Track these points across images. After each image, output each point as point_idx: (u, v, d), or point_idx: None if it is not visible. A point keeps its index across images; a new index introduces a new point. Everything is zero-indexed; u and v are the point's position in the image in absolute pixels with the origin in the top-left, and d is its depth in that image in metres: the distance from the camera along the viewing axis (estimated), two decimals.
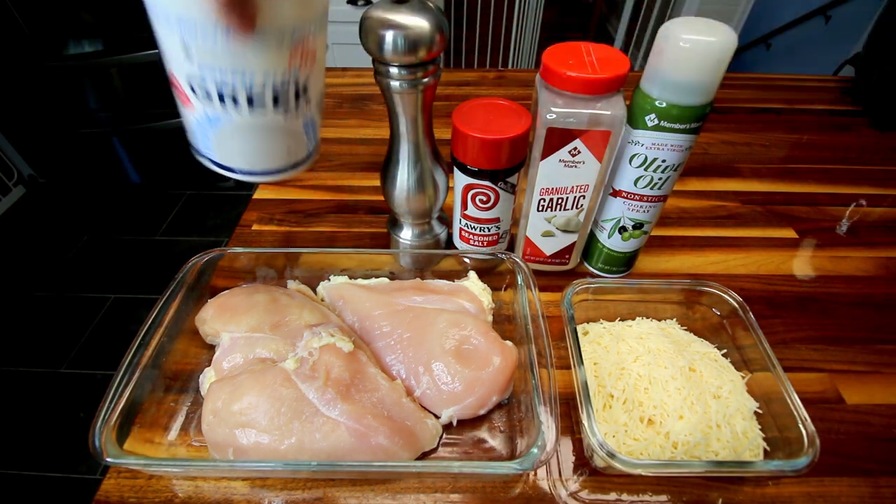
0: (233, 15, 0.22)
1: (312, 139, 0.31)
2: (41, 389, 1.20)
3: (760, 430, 0.31)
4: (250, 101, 0.26)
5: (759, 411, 0.32)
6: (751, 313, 0.35)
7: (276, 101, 0.26)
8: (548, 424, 0.28)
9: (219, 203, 1.72)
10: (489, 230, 0.41)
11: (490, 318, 0.39)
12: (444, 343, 0.34)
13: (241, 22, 0.22)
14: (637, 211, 0.39)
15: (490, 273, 0.42)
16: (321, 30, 0.27)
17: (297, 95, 0.27)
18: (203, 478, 0.31)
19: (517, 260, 0.38)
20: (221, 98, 0.25)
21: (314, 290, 0.41)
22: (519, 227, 0.42)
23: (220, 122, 0.26)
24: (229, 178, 0.29)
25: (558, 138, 0.34)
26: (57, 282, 1.45)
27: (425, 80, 0.33)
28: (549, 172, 0.36)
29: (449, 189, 0.42)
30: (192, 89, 0.25)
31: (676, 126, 0.33)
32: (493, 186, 0.38)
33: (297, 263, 0.41)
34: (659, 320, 0.39)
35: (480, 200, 0.39)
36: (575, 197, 0.38)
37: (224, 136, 0.27)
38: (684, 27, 0.30)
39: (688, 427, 0.30)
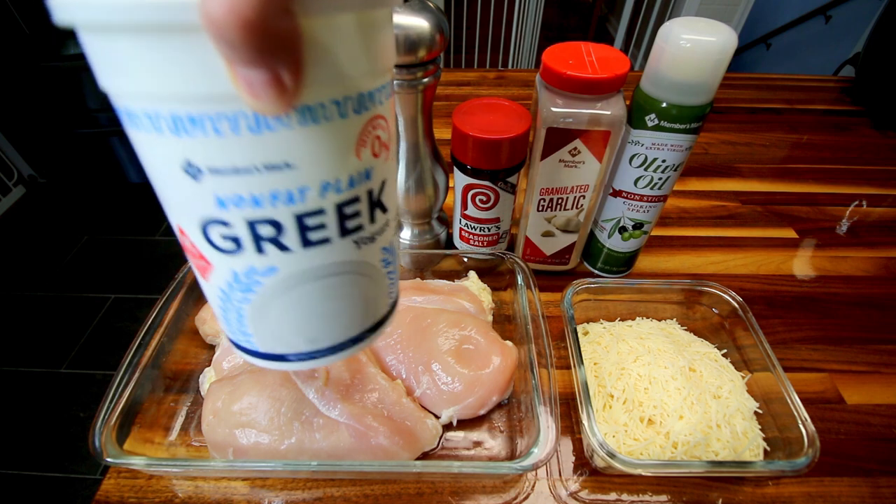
0: (264, 56, 0.11)
1: (395, 282, 0.20)
2: (41, 389, 1.20)
3: (760, 430, 0.31)
4: (304, 233, 0.15)
5: (759, 411, 0.32)
6: (751, 313, 0.35)
7: (342, 224, 0.16)
8: (548, 424, 0.28)
9: None
10: (489, 230, 0.41)
11: (490, 318, 0.39)
12: (444, 343, 0.34)
13: (279, 78, 0.12)
14: (637, 211, 0.39)
15: (490, 273, 0.42)
16: (391, 95, 0.17)
17: (371, 209, 0.17)
18: (203, 478, 0.31)
19: (517, 260, 0.38)
20: (258, 239, 0.15)
21: None
22: (519, 227, 0.42)
23: (259, 281, 0.16)
24: None
25: (558, 138, 0.34)
26: (57, 282, 1.45)
27: (425, 80, 0.33)
28: (549, 172, 0.36)
29: (449, 189, 0.42)
30: (209, 239, 0.15)
31: (676, 126, 0.33)
32: (493, 186, 0.38)
33: None
34: (659, 320, 0.39)
35: (480, 200, 0.39)
36: (575, 197, 0.38)
37: (268, 304, 0.17)
38: (684, 27, 0.30)
39: (688, 427, 0.30)
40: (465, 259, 0.42)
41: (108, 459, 0.27)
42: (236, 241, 0.15)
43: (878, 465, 0.33)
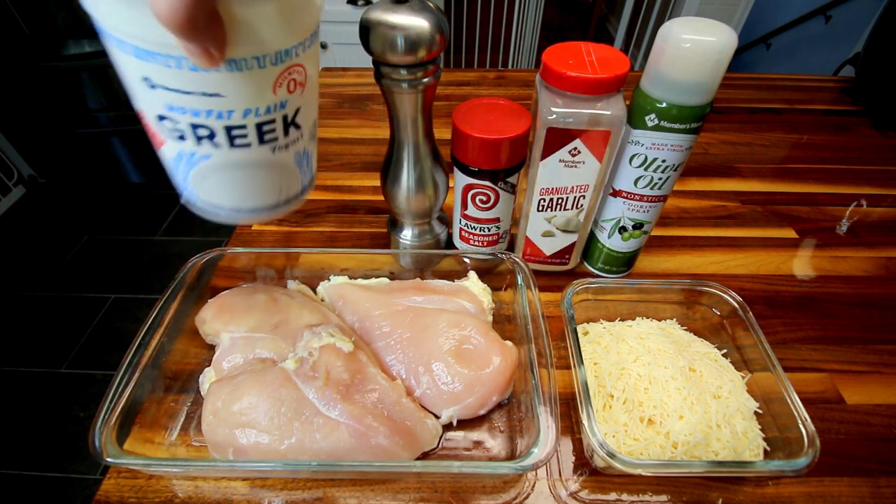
0: (196, 39, 0.17)
1: (307, 172, 0.28)
2: (41, 389, 1.20)
3: (760, 430, 0.31)
4: (231, 139, 0.22)
5: (759, 411, 0.32)
6: (751, 313, 0.35)
7: (261, 136, 0.23)
8: (548, 424, 0.28)
9: None
10: (489, 230, 0.41)
11: (490, 318, 0.39)
12: (444, 343, 0.34)
13: (207, 50, 0.18)
14: (637, 211, 0.39)
15: (490, 273, 0.42)
16: (311, 46, 0.23)
17: (285, 127, 0.24)
18: (203, 478, 0.31)
19: (517, 260, 0.38)
20: (197, 136, 0.22)
21: (314, 290, 0.41)
22: (519, 227, 0.42)
23: (198, 161, 0.23)
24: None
25: (558, 138, 0.34)
26: (57, 282, 1.45)
27: (425, 80, 0.33)
28: (549, 172, 0.36)
29: (449, 189, 0.42)
30: (162, 127, 0.21)
31: (676, 126, 0.33)
32: (493, 186, 0.38)
33: (297, 263, 0.41)
34: (659, 320, 0.39)
35: (480, 200, 0.39)
36: (575, 197, 0.38)
37: (205, 175, 0.24)
38: (684, 27, 0.30)
39: (688, 427, 0.30)
40: (466, 259, 0.42)
41: (108, 459, 0.27)
42: (181, 134, 0.22)
43: (878, 465, 0.33)
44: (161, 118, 0.21)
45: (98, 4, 0.18)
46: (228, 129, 0.22)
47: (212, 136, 0.22)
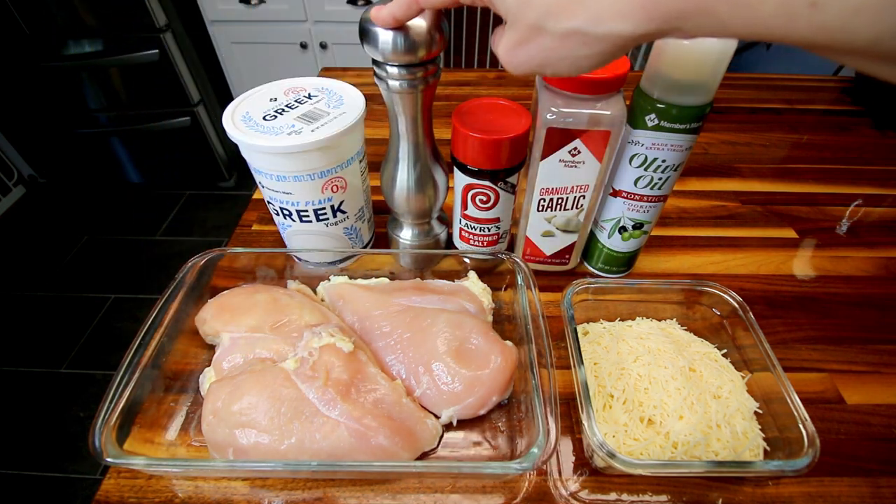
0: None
1: (357, 241, 0.43)
2: (41, 389, 1.20)
3: (760, 430, 0.31)
4: (300, 217, 0.38)
5: (759, 411, 0.32)
6: (751, 313, 0.35)
7: (317, 216, 0.38)
8: (548, 424, 0.28)
9: (219, 203, 1.72)
10: (489, 230, 0.41)
11: (490, 318, 0.39)
12: (443, 343, 0.34)
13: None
14: (637, 211, 0.39)
15: (490, 273, 0.42)
16: (353, 163, 0.38)
17: (333, 212, 0.39)
18: (203, 478, 0.31)
19: (517, 260, 0.38)
20: (283, 214, 0.38)
21: (314, 290, 0.41)
22: (519, 227, 0.42)
23: (286, 227, 0.40)
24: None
25: (558, 138, 0.34)
26: (57, 282, 1.45)
27: (425, 80, 0.33)
28: (549, 172, 0.36)
29: (449, 189, 0.42)
30: (270, 206, 0.39)
31: (676, 126, 0.33)
32: (493, 186, 0.38)
33: (297, 263, 0.42)
34: (659, 320, 0.39)
35: (480, 200, 0.39)
36: (575, 197, 0.38)
37: (290, 236, 0.41)
38: None
39: (688, 427, 0.30)
40: (466, 259, 0.42)
41: (108, 459, 0.27)
42: (277, 212, 0.39)
43: (878, 465, 0.33)
44: (268, 202, 0.39)
45: (247, 155, 0.36)
46: (298, 211, 0.38)
47: (290, 214, 0.38)
